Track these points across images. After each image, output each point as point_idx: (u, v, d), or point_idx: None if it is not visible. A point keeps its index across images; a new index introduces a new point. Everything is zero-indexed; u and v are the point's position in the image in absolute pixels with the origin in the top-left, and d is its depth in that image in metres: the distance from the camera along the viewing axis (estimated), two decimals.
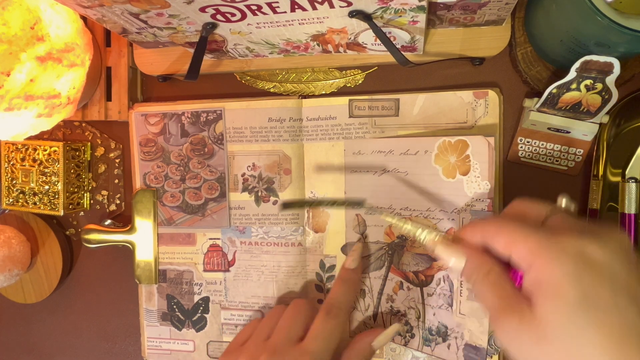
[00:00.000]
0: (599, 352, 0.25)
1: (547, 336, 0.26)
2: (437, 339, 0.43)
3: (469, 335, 0.42)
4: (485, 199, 0.42)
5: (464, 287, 0.43)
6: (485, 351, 0.42)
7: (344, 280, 0.44)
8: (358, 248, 0.45)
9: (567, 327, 0.26)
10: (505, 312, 0.29)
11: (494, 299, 0.30)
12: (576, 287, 0.26)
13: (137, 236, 0.50)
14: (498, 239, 0.31)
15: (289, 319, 0.42)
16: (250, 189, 0.48)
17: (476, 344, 0.42)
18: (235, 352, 0.42)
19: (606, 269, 0.27)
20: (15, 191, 0.52)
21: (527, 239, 0.29)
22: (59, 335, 0.57)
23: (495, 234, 0.31)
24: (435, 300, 0.44)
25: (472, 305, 0.42)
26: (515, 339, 0.28)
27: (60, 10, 0.42)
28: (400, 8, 0.35)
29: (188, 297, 0.50)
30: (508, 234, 0.30)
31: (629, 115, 0.42)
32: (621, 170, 0.42)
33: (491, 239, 0.32)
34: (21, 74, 0.38)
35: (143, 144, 0.50)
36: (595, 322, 0.26)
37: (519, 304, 0.28)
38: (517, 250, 0.30)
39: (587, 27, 0.34)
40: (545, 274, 0.28)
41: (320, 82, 0.48)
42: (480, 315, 0.42)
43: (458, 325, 0.42)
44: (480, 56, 0.44)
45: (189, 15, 0.37)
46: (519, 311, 0.28)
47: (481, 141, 0.42)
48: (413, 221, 0.38)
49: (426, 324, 0.44)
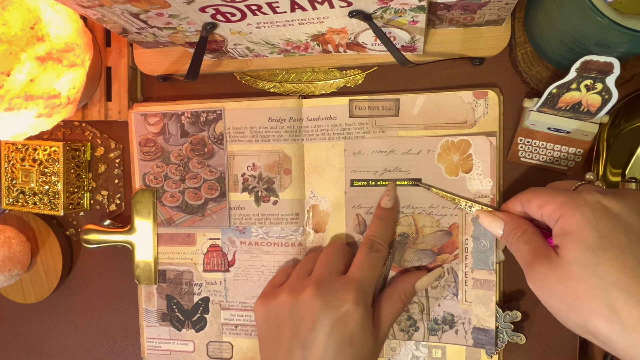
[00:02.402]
0: (615, 285, 0.29)
1: (572, 276, 0.30)
2: (443, 327, 0.44)
3: (476, 319, 0.43)
4: (488, 195, 0.43)
5: (469, 277, 0.43)
6: (495, 332, 0.42)
7: (381, 219, 0.44)
8: (392, 187, 0.45)
9: (587, 265, 0.30)
10: (536, 261, 0.33)
11: (527, 253, 0.34)
12: (594, 231, 0.30)
13: (137, 236, 0.50)
14: (533, 202, 0.36)
15: (329, 255, 0.43)
16: (250, 189, 0.48)
17: (484, 327, 0.43)
18: (275, 291, 0.42)
19: (622, 218, 0.31)
20: (15, 191, 0.52)
21: (555, 198, 0.33)
22: (59, 335, 0.56)
23: (530, 198, 0.36)
24: (440, 292, 0.44)
25: (477, 293, 0.43)
26: (545, 282, 0.32)
27: (60, 10, 0.42)
28: (400, 8, 0.35)
29: (188, 298, 0.50)
30: (542, 197, 0.35)
31: (629, 115, 0.42)
32: (621, 170, 0.42)
33: (527, 203, 0.36)
34: (21, 74, 0.38)
35: (142, 144, 0.50)
36: (611, 259, 0.29)
37: (548, 253, 0.33)
38: (547, 209, 0.34)
39: (587, 27, 0.34)
40: (568, 223, 0.32)
41: (320, 82, 0.48)
42: (487, 301, 0.43)
43: (464, 312, 0.43)
44: (480, 56, 0.44)
45: (189, 15, 0.37)
46: (548, 257, 0.32)
47: (483, 140, 0.43)
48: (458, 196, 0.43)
49: (431, 315, 0.45)
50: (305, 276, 0.42)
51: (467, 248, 0.44)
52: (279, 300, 0.41)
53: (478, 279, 0.44)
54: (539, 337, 0.46)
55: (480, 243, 0.43)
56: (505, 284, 0.45)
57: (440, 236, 0.44)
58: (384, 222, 0.44)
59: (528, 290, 0.46)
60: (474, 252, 0.44)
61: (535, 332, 0.46)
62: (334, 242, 0.45)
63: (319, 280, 0.40)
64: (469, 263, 0.44)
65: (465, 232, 0.44)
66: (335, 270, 0.41)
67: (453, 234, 0.44)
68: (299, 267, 0.44)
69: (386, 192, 0.45)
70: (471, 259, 0.44)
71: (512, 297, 0.46)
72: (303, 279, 0.41)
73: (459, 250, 0.44)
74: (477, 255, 0.44)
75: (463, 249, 0.44)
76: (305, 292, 0.39)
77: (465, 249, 0.44)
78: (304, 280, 0.41)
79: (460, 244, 0.44)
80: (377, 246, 0.42)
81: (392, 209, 0.44)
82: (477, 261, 0.44)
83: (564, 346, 0.45)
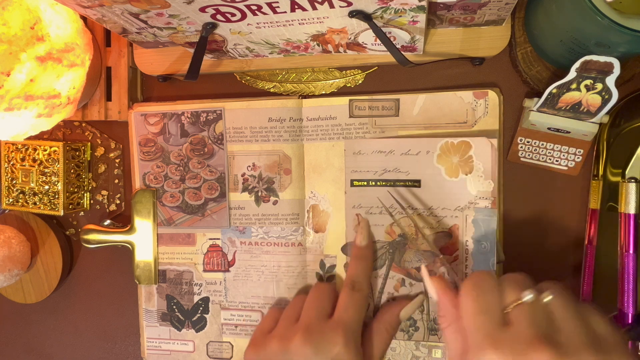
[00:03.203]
0: None
1: None
2: None
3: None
4: (489, 197, 0.43)
5: None
6: None
7: (358, 257, 0.44)
8: (365, 224, 0.45)
9: None
10: None
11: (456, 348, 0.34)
12: None
13: (137, 236, 0.50)
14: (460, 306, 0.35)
15: (315, 299, 0.43)
16: (250, 189, 0.48)
17: None
18: (265, 339, 0.42)
19: None
20: (15, 191, 0.52)
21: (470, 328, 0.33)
22: (59, 335, 0.56)
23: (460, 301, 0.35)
24: None
25: None
26: None
27: (60, 10, 0.42)
28: (400, 8, 0.35)
29: (188, 298, 0.50)
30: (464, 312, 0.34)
31: (629, 115, 0.42)
32: (621, 170, 0.42)
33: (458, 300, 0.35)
34: (21, 74, 0.38)
35: (142, 144, 0.50)
36: None
37: None
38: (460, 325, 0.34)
39: (587, 27, 0.34)
40: None
41: (320, 82, 0.48)
42: None
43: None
44: (480, 56, 0.44)
45: (189, 15, 0.37)
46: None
47: (484, 142, 0.43)
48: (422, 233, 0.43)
49: (431, 315, 0.45)
50: (293, 322, 0.42)
51: (467, 249, 0.44)
52: (270, 349, 0.41)
53: None
54: None
55: (481, 244, 0.43)
56: None
57: (440, 237, 0.44)
58: (361, 261, 0.44)
59: None
60: (474, 254, 0.44)
61: None
62: (319, 284, 0.45)
63: (308, 326, 0.40)
64: (469, 264, 0.44)
65: (465, 234, 0.44)
66: (323, 313, 0.42)
67: (453, 236, 0.44)
68: (286, 312, 0.44)
69: (360, 230, 0.45)
70: (471, 261, 0.44)
71: None
72: (292, 325, 0.42)
73: (459, 251, 0.44)
74: (477, 256, 0.43)
75: (463, 251, 0.44)
76: (295, 339, 0.39)
77: (466, 251, 0.44)
78: (292, 327, 0.41)
79: (460, 245, 0.44)
80: (359, 286, 0.43)
81: (368, 246, 0.45)
82: (478, 263, 0.43)
83: None
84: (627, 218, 0.42)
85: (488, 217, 0.43)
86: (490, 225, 0.43)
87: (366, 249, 0.45)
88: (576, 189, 0.45)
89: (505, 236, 0.46)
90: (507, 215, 0.46)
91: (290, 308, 0.44)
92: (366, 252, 0.45)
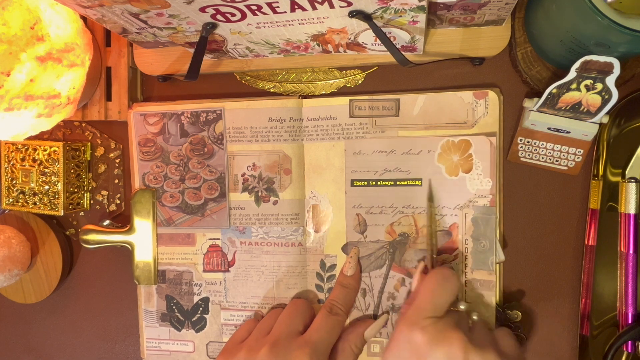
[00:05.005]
0: None
1: None
2: None
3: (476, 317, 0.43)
4: (488, 195, 0.43)
5: (469, 277, 0.44)
6: None
7: (343, 285, 0.45)
8: (355, 254, 0.46)
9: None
10: None
11: None
12: None
13: (136, 237, 0.50)
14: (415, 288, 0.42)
15: (289, 315, 0.44)
16: (250, 189, 0.48)
17: None
18: (235, 349, 0.43)
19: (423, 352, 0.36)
20: (15, 191, 0.52)
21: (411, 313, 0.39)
22: (58, 335, 0.56)
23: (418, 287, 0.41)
24: None
25: (478, 294, 0.44)
26: None
27: (60, 10, 0.42)
28: (400, 8, 0.35)
29: (187, 298, 0.50)
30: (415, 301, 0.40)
31: (629, 115, 0.42)
32: (621, 170, 0.42)
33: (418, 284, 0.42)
34: (21, 74, 0.38)
35: (142, 144, 0.50)
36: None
37: None
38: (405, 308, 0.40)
39: (587, 27, 0.34)
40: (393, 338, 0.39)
41: (320, 82, 0.48)
42: (487, 301, 0.44)
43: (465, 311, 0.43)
44: (480, 56, 0.44)
45: (189, 15, 0.37)
46: None
47: (483, 141, 0.43)
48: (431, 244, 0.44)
49: None
50: (264, 334, 0.43)
51: (467, 248, 0.44)
52: (237, 358, 0.41)
53: (478, 279, 0.44)
54: (539, 337, 0.46)
55: (480, 243, 0.43)
56: (505, 284, 0.45)
57: (440, 236, 0.44)
58: (345, 289, 0.45)
59: (528, 290, 0.46)
60: (473, 253, 0.44)
61: (535, 332, 0.46)
62: (296, 300, 0.46)
63: (276, 340, 0.41)
64: (468, 263, 0.44)
65: (465, 233, 0.44)
66: (294, 330, 0.42)
67: (453, 234, 0.44)
68: (260, 325, 0.45)
69: (348, 260, 0.46)
70: (471, 260, 0.44)
71: (512, 297, 0.46)
72: (262, 337, 0.42)
73: (458, 250, 0.44)
74: (476, 255, 0.44)
75: (463, 250, 0.44)
76: (262, 352, 0.40)
77: (465, 249, 0.44)
78: (262, 339, 0.42)
79: (460, 244, 0.44)
80: (337, 310, 0.44)
81: (354, 277, 0.46)
82: (477, 262, 0.44)
83: (564, 346, 0.45)
84: (627, 218, 0.42)
85: (487, 216, 0.43)
86: (489, 223, 0.43)
87: (352, 279, 0.46)
88: (576, 189, 0.45)
89: (506, 236, 0.46)
90: (507, 216, 0.46)
91: (265, 321, 0.45)
92: (351, 282, 0.46)
